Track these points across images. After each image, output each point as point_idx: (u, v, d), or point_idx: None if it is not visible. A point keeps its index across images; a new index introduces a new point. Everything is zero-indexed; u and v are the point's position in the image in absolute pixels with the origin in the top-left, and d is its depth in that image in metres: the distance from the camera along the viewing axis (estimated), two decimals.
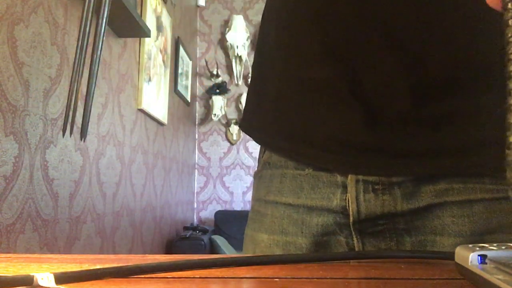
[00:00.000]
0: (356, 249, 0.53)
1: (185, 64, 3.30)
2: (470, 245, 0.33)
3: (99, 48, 0.59)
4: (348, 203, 0.50)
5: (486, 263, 0.31)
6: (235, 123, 3.82)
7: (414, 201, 0.48)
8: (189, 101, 3.46)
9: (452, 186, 0.48)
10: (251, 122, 0.64)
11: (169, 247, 2.82)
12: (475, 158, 0.47)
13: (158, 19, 2.48)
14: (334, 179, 0.52)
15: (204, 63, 3.85)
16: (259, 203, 0.60)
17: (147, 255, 0.51)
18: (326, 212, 0.53)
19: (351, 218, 0.51)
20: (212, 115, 3.71)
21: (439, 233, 0.48)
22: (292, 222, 0.55)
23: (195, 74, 3.81)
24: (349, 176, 0.51)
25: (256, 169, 0.67)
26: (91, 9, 0.58)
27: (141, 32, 1.92)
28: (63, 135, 0.60)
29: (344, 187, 0.51)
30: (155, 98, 2.45)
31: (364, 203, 0.50)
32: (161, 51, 2.58)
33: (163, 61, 2.64)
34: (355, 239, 0.52)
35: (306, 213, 0.54)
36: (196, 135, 3.87)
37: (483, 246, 0.33)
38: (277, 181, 0.58)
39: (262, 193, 0.60)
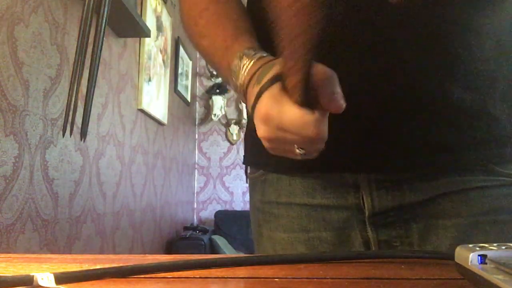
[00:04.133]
0: (371, 239, 0.58)
1: (185, 64, 3.30)
2: (470, 245, 0.33)
3: (99, 48, 0.59)
4: (363, 201, 0.57)
5: (486, 263, 0.31)
6: (235, 123, 3.82)
7: (419, 194, 0.55)
8: (189, 101, 3.46)
9: (451, 180, 0.55)
10: (252, 154, 0.68)
11: (169, 247, 2.82)
12: (469, 156, 0.55)
13: (158, 19, 2.48)
14: (344, 180, 0.58)
15: (204, 63, 3.85)
16: (270, 205, 0.64)
17: (147, 255, 0.51)
18: (343, 209, 0.58)
19: (366, 213, 0.57)
20: (212, 115, 3.71)
21: (441, 217, 0.56)
22: (313, 220, 0.60)
23: (195, 74, 3.81)
24: (361, 176, 0.57)
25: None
26: (91, 9, 0.58)
27: (141, 32, 1.92)
28: (63, 135, 0.60)
29: (356, 187, 0.57)
30: (155, 98, 2.45)
31: (378, 198, 0.56)
32: (161, 51, 2.58)
33: (163, 61, 2.64)
34: (369, 230, 0.58)
35: (325, 211, 0.59)
36: (196, 135, 3.87)
37: (483, 246, 0.33)
38: (286, 183, 0.62)
39: (272, 196, 0.64)
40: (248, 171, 0.72)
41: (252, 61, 0.48)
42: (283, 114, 0.42)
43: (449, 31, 0.53)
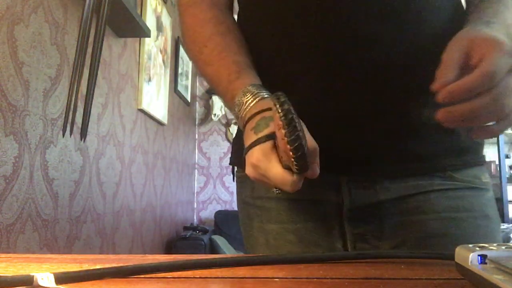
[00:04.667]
0: (347, 232, 0.67)
1: (185, 64, 3.30)
2: (470, 245, 0.33)
3: (99, 48, 0.60)
4: (342, 198, 0.67)
5: (486, 263, 0.31)
6: (235, 123, 3.82)
7: (390, 193, 0.66)
8: (189, 101, 3.46)
9: (416, 183, 0.66)
10: (242, 156, 0.79)
11: (169, 247, 2.82)
12: (431, 164, 0.66)
13: (158, 19, 2.48)
14: (327, 180, 0.66)
15: None
16: (260, 200, 0.73)
17: (147, 255, 0.51)
18: (325, 203, 0.68)
19: (345, 208, 0.67)
20: (212, 115, 3.71)
21: (407, 214, 0.66)
22: (300, 212, 0.69)
23: (195, 74, 3.81)
24: (342, 177, 0.67)
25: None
26: (91, 9, 0.58)
27: (141, 32, 1.92)
28: (63, 135, 0.60)
29: (337, 186, 0.67)
30: (155, 98, 2.45)
31: (355, 196, 0.66)
32: (161, 51, 2.58)
33: (163, 61, 2.64)
34: (346, 224, 0.67)
35: (311, 205, 0.69)
36: (196, 135, 3.87)
37: (483, 246, 0.33)
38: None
39: (261, 192, 0.73)
40: (236, 169, 0.81)
41: (255, 101, 0.58)
42: (268, 169, 0.52)
43: (430, 55, 0.59)
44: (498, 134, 0.54)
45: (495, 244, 0.33)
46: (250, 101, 0.58)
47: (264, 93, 0.59)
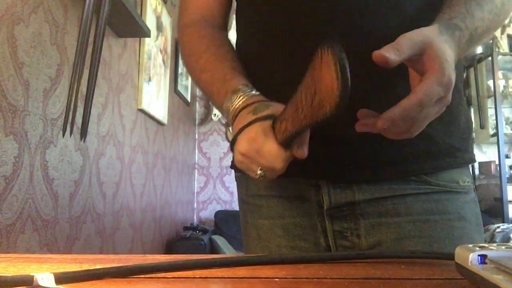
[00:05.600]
0: (327, 228, 0.72)
1: None
2: (470, 245, 0.33)
3: (99, 48, 0.60)
4: (322, 197, 0.71)
5: (486, 263, 0.31)
6: None
7: (367, 194, 0.69)
8: (189, 101, 3.46)
9: (391, 186, 0.69)
10: None
11: (169, 247, 2.82)
12: (406, 168, 0.69)
13: (158, 19, 2.48)
14: (309, 181, 0.72)
15: None
16: (253, 198, 0.79)
17: (147, 255, 0.51)
18: (309, 201, 0.73)
19: (325, 207, 0.71)
20: (212, 115, 3.70)
21: (384, 216, 0.69)
22: (288, 208, 0.75)
23: None
24: (322, 180, 0.71)
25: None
26: (91, 9, 0.58)
27: (141, 32, 1.91)
28: (63, 135, 0.60)
29: (317, 186, 0.72)
30: (155, 98, 2.45)
31: (334, 196, 0.70)
32: (161, 51, 2.58)
33: (163, 61, 2.64)
34: (326, 221, 0.72)
35: (297, 201, 0.74)
36: (196, 135, 3.87)
37: (483, 246, 0.33)
38: (265, 181, 0.76)
39: (254, 190, 0.79)
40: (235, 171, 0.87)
41: (248, 95, 0.65)
42: (265, 143, 0.57)
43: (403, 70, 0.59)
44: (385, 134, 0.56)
45: (495, 244, 0.33)
46: (243, 94, 0.64)
47: (256, 92, 0.65)
